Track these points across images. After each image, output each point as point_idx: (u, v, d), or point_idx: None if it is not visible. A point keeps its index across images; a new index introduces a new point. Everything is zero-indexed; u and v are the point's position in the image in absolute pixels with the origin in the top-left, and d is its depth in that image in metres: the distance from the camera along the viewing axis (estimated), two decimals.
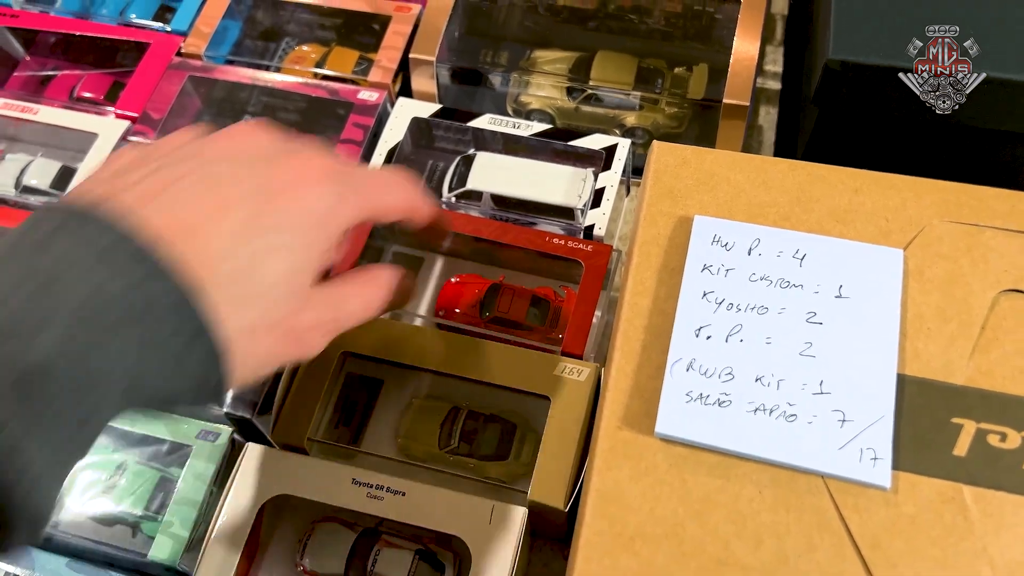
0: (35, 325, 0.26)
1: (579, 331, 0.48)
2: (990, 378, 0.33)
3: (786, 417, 0.33)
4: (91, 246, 0.28)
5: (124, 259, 0.28)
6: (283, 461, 0.45)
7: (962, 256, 0.36)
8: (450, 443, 0.48)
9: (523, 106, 0.61)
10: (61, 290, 0.27)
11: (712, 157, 0.39)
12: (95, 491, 0.47)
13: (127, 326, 0.28)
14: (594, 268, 0.50)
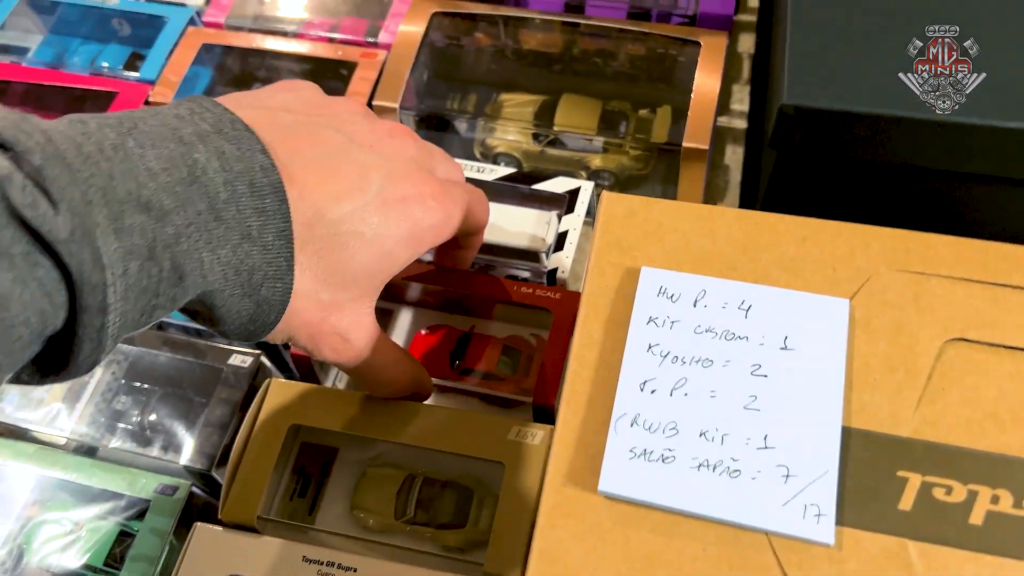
0: (170, 208, 0.29)
1: (550, 380, 0.47)
2: (936, 429, 0.33)
3: (730, 473, 0.32)
4: (241, 160, 0.31)
5: (263, 184, 0.31)
6: (232, 541, 0.44)
7: (909, 305, 0.36)
8: (406, 513, 0.47)
9: (490, 150, 0.61)
10: (205, 186, 0.30)
11: (660, 207, 0.39)
12: (54, 547, 0.47)
13: (236, 242, 0.31)
14: (563, 317, 0.50)
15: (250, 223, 0.31)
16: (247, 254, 0.31)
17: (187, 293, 0.30)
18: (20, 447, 0.49)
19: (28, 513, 0.48)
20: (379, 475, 0.49)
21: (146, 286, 0.29)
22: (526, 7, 0.62)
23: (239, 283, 0.32)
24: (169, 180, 0.29)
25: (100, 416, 0.52)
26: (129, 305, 0.28)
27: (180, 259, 0.29)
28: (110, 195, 0.28)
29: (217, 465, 0.48)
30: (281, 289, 0.33)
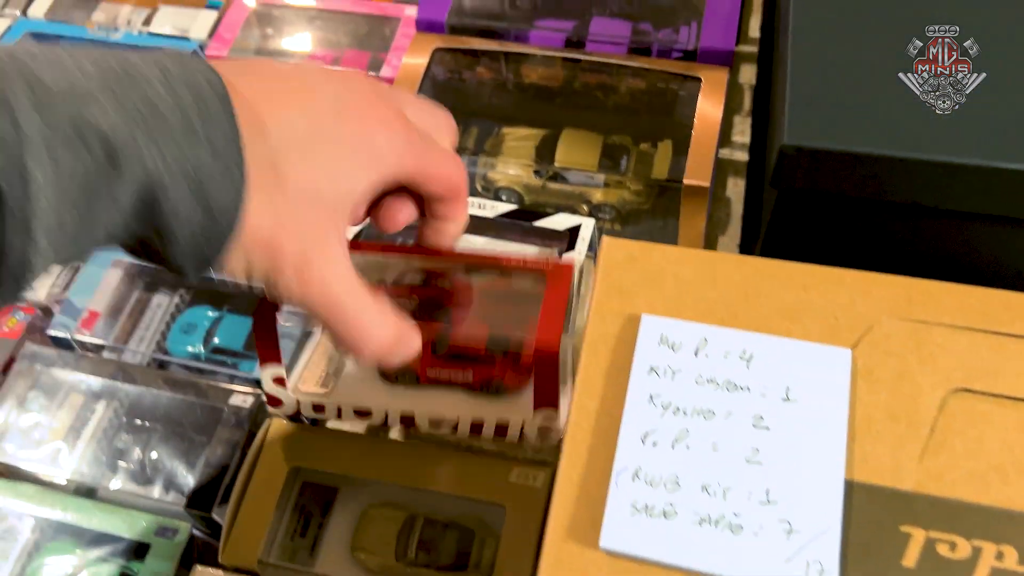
0: (102, 96, 0.27)
1: (551, 330, 0.43)
2: (940, 483, 0.33)
3: (732, 528, 0.32)
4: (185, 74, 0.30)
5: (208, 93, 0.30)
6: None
7: (911, 354, 0.35)
8: (407, 555, 0.47)
9: (491, 184, 0.61)
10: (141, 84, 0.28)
11: (660, 252, 0.39)
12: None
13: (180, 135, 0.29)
14: (557, 277, 0.45)
15: (193, 121, 0.29)
16: (191, 148, 0.29)
17: (126, 184, 0.28)
18: (21, 488, 0.49)
19: (28, 555, 0.48)
20: (380, 515, 0.49)
21: (81, 172, 0.27)
22: (527, 43, 0.62)
23: (185, 179, 0.29)
24: (103, 77, 0.28)
25: (101, 454, 0.52)
26: (62, 192, 0.26)
27: (113, 141, 0.27)
28: (33, 80, 0.26)
29: (217, 505, 0.48)
30: (233, 194, 0.30)
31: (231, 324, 0.56)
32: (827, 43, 0.48)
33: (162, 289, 0.60)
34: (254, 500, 0.46)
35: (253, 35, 0.68)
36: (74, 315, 0.55)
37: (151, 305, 0.59)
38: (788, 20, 0.49)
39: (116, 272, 0.58)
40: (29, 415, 0.52)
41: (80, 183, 0.27)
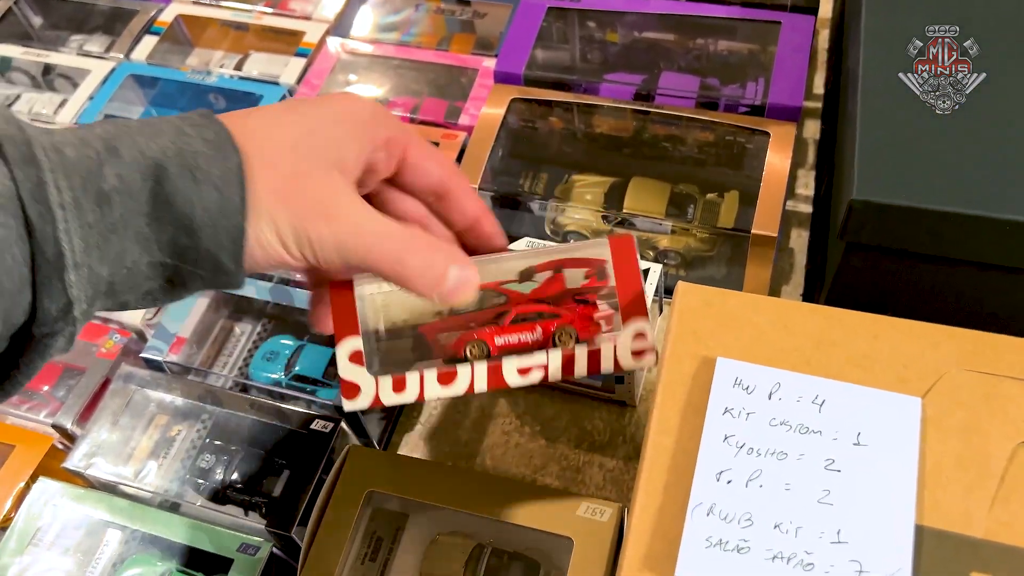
0: (98, 127, 0.32)
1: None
2: (1010, 531, 0.34)
3: (803, 566, 0.33)
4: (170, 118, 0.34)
5: (194, 117, 0.34)
6: None
7: (980, 405, 0.37)
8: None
9: (560, 227, 0.64)
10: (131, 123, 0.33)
11: (735, 300, 0.41)
12: None
13: (173, 135, 0.33)
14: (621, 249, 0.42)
15: (183, 130, 0.33)
16: (185, 143, 0.32)
17: (130, 167, 0.31)
18: (114, 501, 0.52)
19: (114, 565, 0.51)
20: (448, 543, 0.51)
21: (87, 167, 0.30)
22: (598, 95, 0.65)
23: (184, 165, 0.32)
24: (102, 123, 0.33)
25: (185, 472, 0.55)
26: (74, 183, 0.30)
27: (113, 141, 0.31)
28: (37, 123, 0.32)
29: (296, 526, 0.50)
30: (233, 166, 0.33)
31: (311, 353, 0.58)
32: (895, 99, 0.50)
33: (245, 318, 0.63)
34: (331, 523, 0.48)
35: (338, 81, 0.72)
36: (166, 339, 0.58)
37: (234, 333, 0.63)
38: (857, 77, 0.51)
39: (203, 301, 0.62)
40: (121, 432, 0.55)
41: (91, 178, 0.31)
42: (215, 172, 0.32)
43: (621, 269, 0.42)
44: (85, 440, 0.54)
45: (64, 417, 0.55)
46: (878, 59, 0.49)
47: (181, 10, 0.79)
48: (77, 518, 0.52)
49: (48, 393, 0.60)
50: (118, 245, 0.31)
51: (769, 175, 0.57)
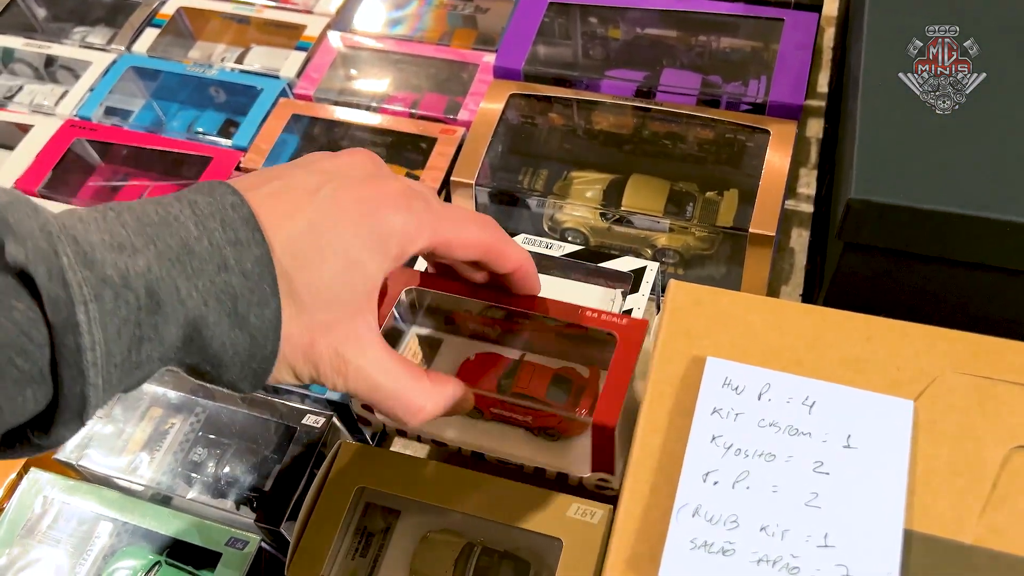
0: (142, 246, 0.31)
1: (612, 404, 0.44)
2: (1000, 538, 0.33)
3: (789, 569, 0.33)
4: (212, 204, 0.33)
5: (234, 218, 0.32)
6: None
7: (974, 409, 0.36)
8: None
9: (558, 224, 0.63)
10: (176, 227, 0.32)
11: (728, 298, 0.41)
12: None
13: (214, 271, 0.32)
14: (628, 340, 0.46)
15: (225, 253, 0.32)
16: (226, 283, 0.32)
17: (168, 321, 0.31)
18: (105, 493, 0.52)
19: (105, 557, 0.51)
20: (438, 541, 0.51)
21: (126, 316, 0.29)
22: (599, 91, 0.64)
23: (223, 311, 0.32)
24: (139, 226, 0.31)
25: (177, 466, 0.54)
26: (110, 334, 0.29)
27: (155, 286, 0.30)
28: (81, 239, 0.29)
29: (286, 521, 0.50)
30: (270, 315, 0.33)
31: None
32: (895, 99, 0.49)
33: None
34: (321, 518, 0.48)
35: (338, 75, 0.72)
36: None
37: None
38: (858, 76, 0.50)
39: None
40: (113, 424, 0.55)
41: (128, 328, 0.30)
42: (252, 320, 0.33)
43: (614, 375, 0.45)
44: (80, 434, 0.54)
45: None
46: (880, 58, 0.49)
47: (183, 3, 0.79)
48: (68, 510, 0.52)
49: None
50: (139, 374, 0.31)
51: (768, 173, 0.57)
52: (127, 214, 0.31)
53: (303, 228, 0.34)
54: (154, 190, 0.69)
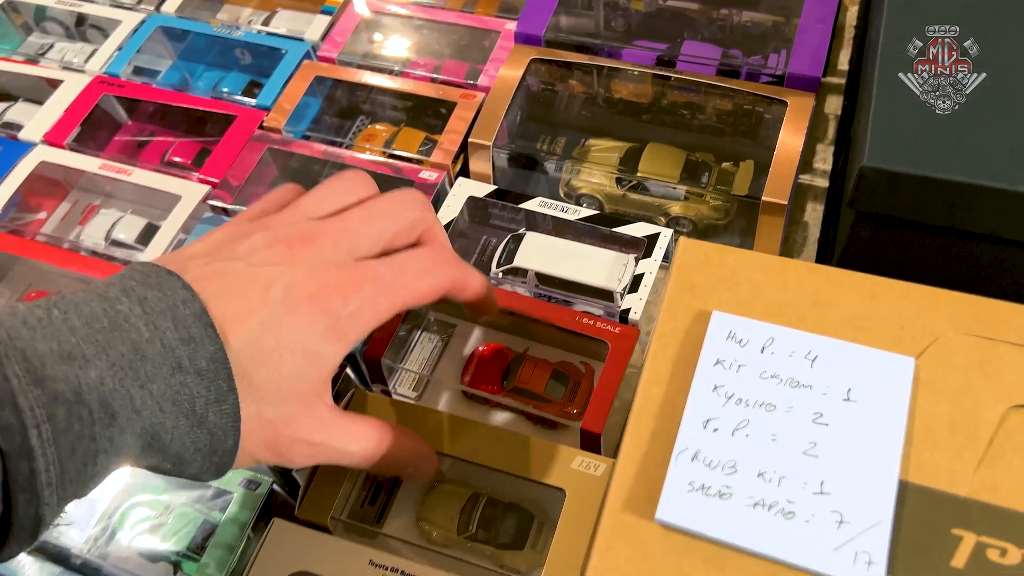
0: (92, 355, 0.30)
1: (600, 410, 0.50)
2: (994, 492, 0.34)
3: (784, 514, 0.34)
4: (163, 300, 0.32)
5: (185, 315, 0.32)
6: (305, 538, 0.47)
7: (974, 369, 0.36)
8: (468, 529, 0.50)
9: (574, 190, 0.64)
10: (126, 330, 0.31)
11: (735, 256, 0.41)
12: (143, 528, 0.51)
13: (168, 374, 0.31)
14: (620, 349, 0.52)
15: (178, 353, 0.32)
16: (182, 384, 0.31)
17: (124, 432, 0.30)
18: None
19: (122, 495, 0.52)
20: (445, 491, 0.52)
21: (80, 432, 0.29)
22: (619, 59, 0.64)
23: (181, 413, 0.32)
24: (89, 331, 0.30)
25: None
26: (64, 452, 0.28)
27: (108, 398, 0.30)
28: (29, 352, 0.29)
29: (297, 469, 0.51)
30: (229, 411, 0.33)
31: None
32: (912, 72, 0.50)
33: None
34: (329, 467, 0.49)
35: (362, 40, 0.73)
36: None
37: None
38: (877, 47, 0.50)
39: None
40: None
41: (82, 444, 0.29)
42: (211, 417, 0.33)
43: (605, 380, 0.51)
44: None
45: None
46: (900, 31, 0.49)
47: None
48: None
49: None
50: (96, 480, 0.31)
51: (784, 143, 0.57)
52: (74, 315, 0.31)
53: (257, 329, 0.34)
54: (178, 147, 0.70)
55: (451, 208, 0.61)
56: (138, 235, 0.65)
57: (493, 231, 0.64)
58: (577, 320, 0.54)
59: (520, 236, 0.60)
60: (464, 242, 0.63)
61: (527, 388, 0.55)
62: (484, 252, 0.63)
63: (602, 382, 0.51)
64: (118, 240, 0.65)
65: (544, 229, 0.62)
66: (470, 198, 0.61)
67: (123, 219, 0.66)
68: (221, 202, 0.63)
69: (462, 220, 0.62)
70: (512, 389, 0.55)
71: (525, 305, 0.56)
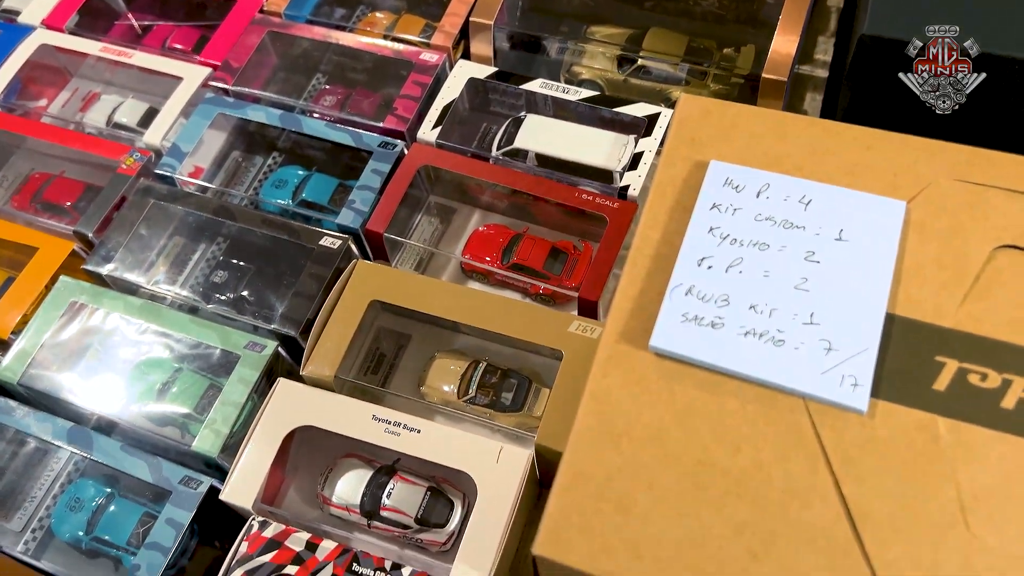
0: None
1: (597, 280, 0.51)
2: (978, 323, 0.35)
3: (775, 342, 0.35)
4: None
5: None
6: (309, 395, 0.48)
7: (964, 212, 0.37)
8: (468, 393, 0.51)
9: (575, 76, 0.64)
10: None
11: (735, 110, 0.42)
12: (153, 391, 0.52)
13: None
14: (618, 223, 0.53)
15: None
16: None
17: None
18: (129, 300, 0.54)
19: (132, 359, 0.53)
20: (447, 359, 0.53)
21: None
22: None
23: None
24: None
25: (200, 287, 0.57)
26: None
27: None
28: None
29: (302, 333, 0.52)
30: None
31: (319, 182, 0.60)
32: None
33: (258, 152, 0.64)
34: (336, 327, 0.50)
35: None
36: (179, 157, 0.60)
37: (248, 164, 0.64)
38: None
39: (220, 134, 0.63)
40: (139, 241, 0.57)
41: None
42: None
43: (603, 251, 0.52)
44: (105, 246, 0.57)
45: (85, 225, 0.58)
46: None
47: None
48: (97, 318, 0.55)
49: (71, 207, 0.62)
50: None
51: (784, 26, 0.57)
52: None
53: None
54: (178, 34, 0.70)
55: (451, 89, 0.61)
56: (140, 118, 0.65)
57: (494, 117, 0.64)
58: (576, 196, 0.55)
59: (520, 119, 0.61)
60: (466, 127, 0.63)
61: (526, 264, 0.56)
62: (484, 139, 0.63)
63: (600, 254, 0.52)
64: (120, 123, 0.65)
65: (545, 114, 0.62)
66: (471, 80, 0.62)
67: (125, 103, 0.66)
68: (222, 83, 0.63)
69: (462, 104, 0.62)
70: (511, 265, 0.56)
71: (525, 183, 0.57)
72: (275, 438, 0.47)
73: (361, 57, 0.66)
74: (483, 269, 0.57)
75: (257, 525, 0.45)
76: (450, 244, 0.61)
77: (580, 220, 0.57)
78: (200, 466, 0.49)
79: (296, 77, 0.68)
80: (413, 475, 0.49)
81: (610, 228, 0.53)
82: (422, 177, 0.59)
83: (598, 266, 0.52)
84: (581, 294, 0.51)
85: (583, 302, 0.51)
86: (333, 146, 0.61)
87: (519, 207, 0.60)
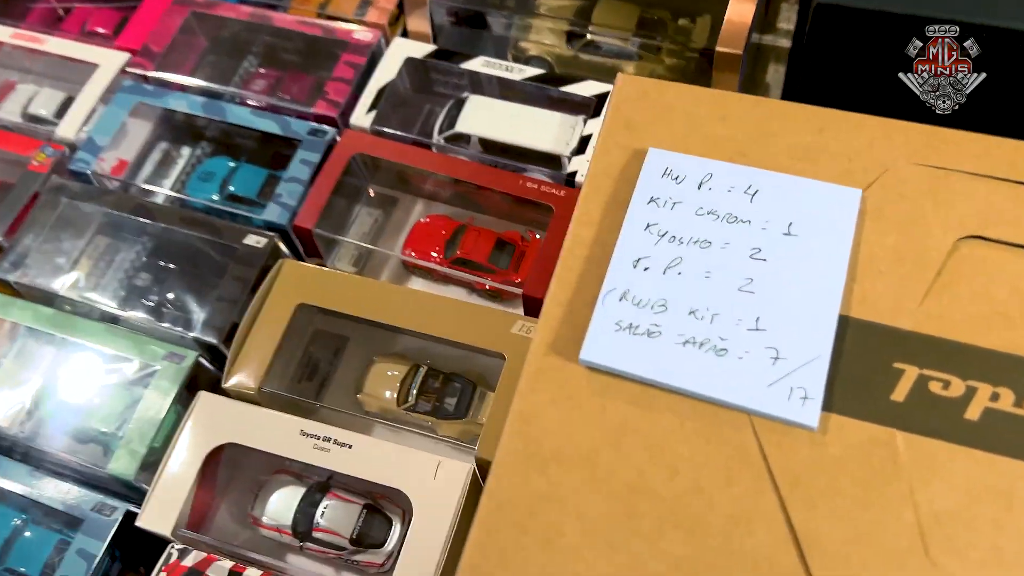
0: None
1: (542, 275, 0.47)
2: (940, 323, 0.32)
3: (716, 351, 0.31)
4: None
5: None
6: (232, 410, 0.45)
7: (925, 199, 0.34)
8: (408, 400, 0.48)
9: (523, 52, 0.60)
10: None
11: (673, 91, 0.38)
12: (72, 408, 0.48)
13: None
14: (564, 213, 0.49)
15: None
16: None
17: None
18: (40, 310, 0.50)
19: (45, 375, 0.50)
20: (386, 364, 0.50)
21: None
22: None
23: None
24: None
25: (121, 290, 0.53)
26: None
27: None
28: None
29: (225, 341, 0.48)
30: None
31: (246, 173, 0.56)
32: None
33: (184, 142, 0.60)
34: (261, 333, 0.47)
35: None
36: (94, 151, 0.55)
37: (176, 155, 0.60)
38: None
39: (145, 124, 0.59)
40: (53, 245, 0.53)
41: None
42: None
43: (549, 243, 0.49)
44: (14, 250, 0.53)
45: None
46: None
47: None
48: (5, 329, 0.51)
49: None
50: None
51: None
52: None
53: None
54: (97, 16, 0.65)
55: (388, 70, 0.57)
56: (56, 109, 0.61)
57: (437, 99, 0.60)
58: (521, 184, 0.52)
59: (463, 100, 0.57)
60: (405, 111, 0.59)
61: (470, 259, 0.53)
62: (427, 122, 0.59)
63: (546, 247, 0.49)
64: (36, 115, 0.61)
65: (490, 95, 0.58)
66: (409, 60, 0.57)
67: (40, 93, 0.62)
68: (141, 70, 0.59)
69: (402, 84, 0.58)
70: (455, 260, 0.53)
71: (467, 171, 0.53)
72: (196, 457, 0.44)
73: (293, 37, 0.61)
74: (424, 267, 0.53)
75: (176, 553, 0.42)
76: (393, 236, 0.57)
77: (528, 208, 0.54)
78: (121, 488, 0.46)
79: (226, 61, 0.63)
80: (348, 492, 0.45)
81: (556, 219, 0.49)
82: (360, 165, 0.55)
83: (543, 260, 0.48)
84: (525, 291, 0.47)
85: (528, 299, 0.48)
86: (263, 135, 0.57)
87: (464, 196, 0.56)
